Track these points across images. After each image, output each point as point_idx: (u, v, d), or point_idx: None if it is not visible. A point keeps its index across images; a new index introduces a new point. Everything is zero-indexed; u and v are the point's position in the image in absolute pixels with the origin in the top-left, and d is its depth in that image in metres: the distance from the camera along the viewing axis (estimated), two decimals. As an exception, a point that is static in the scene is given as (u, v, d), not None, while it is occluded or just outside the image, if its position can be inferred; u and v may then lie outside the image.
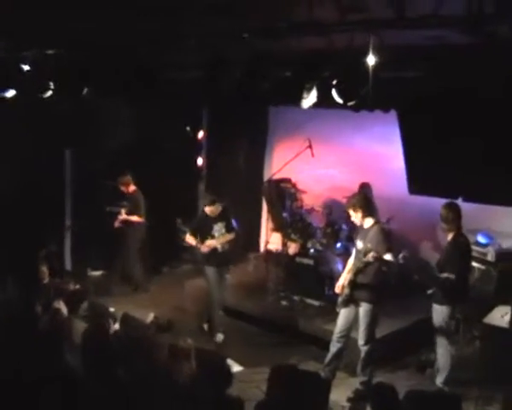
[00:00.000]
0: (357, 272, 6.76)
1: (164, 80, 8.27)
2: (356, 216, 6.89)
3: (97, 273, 10.57)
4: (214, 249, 8.27)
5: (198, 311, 9.12)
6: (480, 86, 5.73)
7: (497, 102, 6.02)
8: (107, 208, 10.16)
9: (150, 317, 8.27)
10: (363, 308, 6.83)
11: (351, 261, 7.13)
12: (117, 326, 7.12)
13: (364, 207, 6.85)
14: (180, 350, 5.70)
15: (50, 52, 7.42)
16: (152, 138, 10.35)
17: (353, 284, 6.81)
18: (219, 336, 8.32)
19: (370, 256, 6.54)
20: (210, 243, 8.24)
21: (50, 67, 7.68)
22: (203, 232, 8.29)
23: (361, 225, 6.95)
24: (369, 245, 6.66)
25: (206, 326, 8.59)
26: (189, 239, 8.45)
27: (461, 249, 7.01)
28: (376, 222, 6.88)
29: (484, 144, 6.58)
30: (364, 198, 7.00)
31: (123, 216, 9.84)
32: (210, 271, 8.36)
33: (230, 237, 8.33)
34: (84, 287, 8.30)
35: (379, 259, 6.59)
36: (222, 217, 8.28)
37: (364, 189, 9.60)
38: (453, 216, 6.97)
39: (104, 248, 10.32)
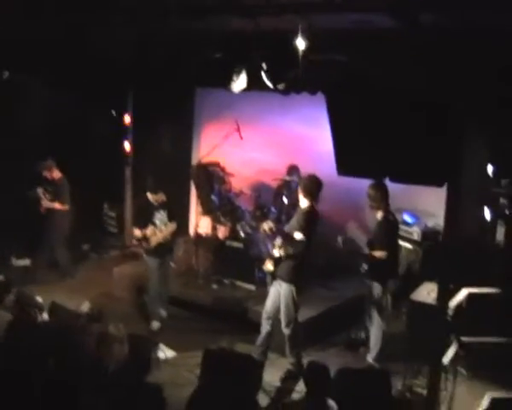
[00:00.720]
0: (280, 250, 6.84)
1: (88, 60, 8.09)
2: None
3: (22, 262, 10.23)
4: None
5: (127, 297, 9.02)
6: (403, 70, 5.87)
7: (419, 85, 6.18)
8: (27, 193, 9.85)
9: (85, 306, 8.09)
10: (282, 289, 6.88)
11: None
12: (45, 316, 6.96)
13: (303, 187, 6.91)
14: (110, 336, 5.63)
15: None
16: (77, 122, 10.08)
17: (277, 262, 6.89)
18: (155, 324, 8.24)
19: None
20: (156, 238, 8.07)
21: None
22: (143, 219, 8.13)
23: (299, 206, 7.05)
24: (290, 224, 6.90)
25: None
26: (137, 232, 8.18)
27: (390, 227, 7.27)
28: (309, 206, 6.90)
29: (408, 126, 6.76)
30: (310, 181, 6.98)
31: (45, 203, 9.55)
32: (152, 261, 8.25)
33: (173, 227, 8.22)
34: (8, 277, 8.03)
35: (283, 235, 6.74)
36: (164, 205, 8.16)
37: (292, 171, 9.71)
38: (381, 195, 7.17)
39: (27, 236, 10.01)
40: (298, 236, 6.66)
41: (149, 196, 8.11)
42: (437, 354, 6.20)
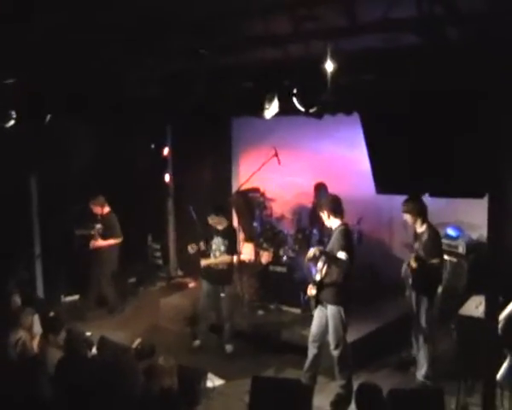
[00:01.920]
0: (323, 273, 6.82)
1: (126, 98, 8.27)
2: (324, 217, 7.02)
3: (71, 299, 10.42)
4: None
5: (175, 328, 9.10)
6: (435, 85, 5.85)
7: (454, 99, 6.14)
8: (76, 232, 10.10)
9: (136, 342, 8.19)
10: (329, 311, 6.84)
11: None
12: (94, 351, 7.09)
13: (329, 209, 6.93)
14: (160, 369, 5.70)
15: (10, 81, 7.38)
16: (118, 158, 10.29)
17: (320, 286, 6.85)
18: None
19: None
20: (206, 262, 8.31)
21: (11, 97, 7.64)
22: (202, 239, 8.35)
23: (330, 228, 7.04)
24: (330, 246, 6.84)
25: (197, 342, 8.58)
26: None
27: (438, 236, 7.32)
28: (342, 224, 6.92)
29: (445, 139, 6.70)
30: (331, 201, 7.05)
31: (98, 242, 9.66)
32: (203, 284, 8.53)
33: (228, 259, 8.31)
34: (59, 315, 8.18)
35: (329, 256, 6.68)
36: (225, 234, 8.30)
37: (320, 189, 9.69)
38: (420, 207, 7.22)
39: (76, 273, 10.22)
40: (342, 255, 6.63)
41: (209, 218, 8.27)
42: (490, 369, 6.03)
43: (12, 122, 7.80)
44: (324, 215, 7.00)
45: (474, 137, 6.55)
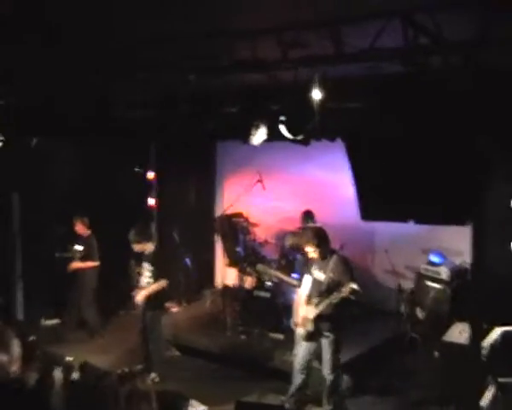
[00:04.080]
0: (322, 307, 6.61)
1: (112, 119, 8.29)
2: (313, 251, 6.73)
3: (51, 322, 10.29)
4: None
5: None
6: (418, 113, 5.92)
7: (437, 127, 6.23)
8: (56, 254, 10.00)
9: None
10: (328, 339, 6.73)
11: (304, 292, 6.91)
12: (75, 375, 6.98)
13: (321, 241, 6.71)
14: (138, 393, 5.62)
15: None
16: (102, 180, 10.25)
17: (316, 318, 6.68)
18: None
19: (348, 290, 6.35)
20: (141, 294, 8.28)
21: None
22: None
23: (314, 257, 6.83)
24: (331, 275, 6.57)
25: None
26: None
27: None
28: (333, 252, 6.77)
29: (430, 168, 6.78)
30: (318, 232, 6.83)
31: (77, 263, 9.61)
32: None
33: (154, 286, 8.20)
34: (38, 338, 8.06)
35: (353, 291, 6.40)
36: (152, 259, 8.17)
37: (307, 217, 9.69)
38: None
39: (56, 296, 10.10)
40: (355, 286, 6.40)
41: (134, 245, 8.23)
42: (474, 396, 6.02)
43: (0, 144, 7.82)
44: (314, 249, 6.71)
45: (457, 166, 6.65)
